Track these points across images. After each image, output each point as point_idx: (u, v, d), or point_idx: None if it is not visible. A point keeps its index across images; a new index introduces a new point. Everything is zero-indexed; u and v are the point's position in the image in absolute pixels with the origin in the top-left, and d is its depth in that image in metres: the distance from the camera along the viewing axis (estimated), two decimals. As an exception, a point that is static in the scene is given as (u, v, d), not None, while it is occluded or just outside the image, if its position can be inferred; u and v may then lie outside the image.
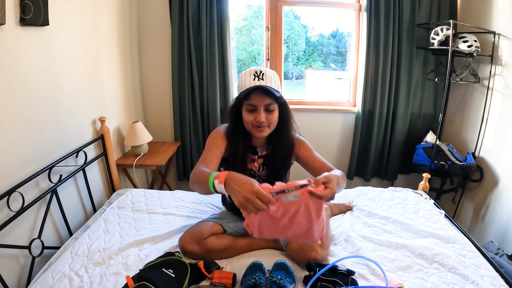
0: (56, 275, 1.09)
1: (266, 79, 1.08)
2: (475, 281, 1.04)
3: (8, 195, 1.10)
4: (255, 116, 1.09)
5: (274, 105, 1.11)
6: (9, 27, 1.13)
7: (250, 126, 1.13)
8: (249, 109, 1.10)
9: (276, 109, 1.12)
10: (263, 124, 1.10)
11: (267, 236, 0.93)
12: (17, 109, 1.19)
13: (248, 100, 1.09)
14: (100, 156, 1.75)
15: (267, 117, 1.10)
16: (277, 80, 1.13)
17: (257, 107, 1.08)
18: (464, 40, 1.90)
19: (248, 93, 1.07)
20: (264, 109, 1.09)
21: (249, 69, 1.11)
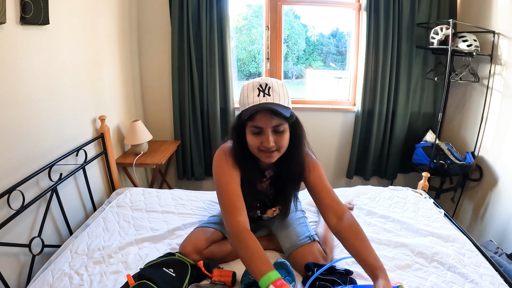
0: (56, 273, 1.09)
1: (273, 94, 0.90)
2: (474, 280, 1.05)
3: (8, 194, 1.10)
4: (261, 139, 0.91)
5: (284, 125, 0.92)
6: (9, 26, 1.13)
7: (256, 151, 0.95)
8: (254, 131, 0.92)
9: (286, 130, 0.94)
10: (272, 149, 0.92)
11: None
12: (17, 107, 1.19)
13: (253, 121, 0.90)
14: (100, 154, 1.75)
15: (276, 140, 0.92)
16: (286, 93, 0.94)
17: (263, 129, 0.90)
18: (464, 39, 1.90)
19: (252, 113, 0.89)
20: (272, 131, 0.91)
21: (252, 82, 0.93)
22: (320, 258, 1.11)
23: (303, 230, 1.17)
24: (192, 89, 2.24)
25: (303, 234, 1.15)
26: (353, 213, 1.51)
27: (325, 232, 1.26)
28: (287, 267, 1.04)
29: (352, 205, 1.57)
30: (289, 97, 0.95)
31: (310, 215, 1.46)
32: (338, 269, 1.04)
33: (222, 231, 1.21)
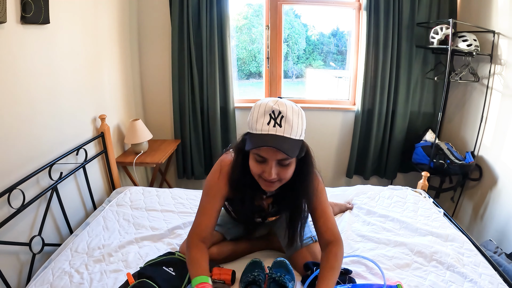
0: (56, 272, 1.10)
1: (284, 125, 0.81)
2: (473, 279, 1.05)
3: (9, 192, 1.10)
4: (263, 168, 0.86)
5: (291, 159, 0.86)
6: (10, 25, 1.14)
7: (257, 177, 0.90)
8: (257, 159, 0.86)
9: (292, 163, 0.88)
10: (273, 180, 0.87)
11: None
12: (17, 106, 1.20)
13: (258, 150, 0.84)
14: (100, 153, 1.75)
15: (280, 172, 0.86)
16: (300, 124, 0.84)
17: (267, 160, 0.85)
18: (464, 39, 1.90)
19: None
20: (277, 163, 0.85)
21: (265, 104, 0.83)
22: (318, 255, 1.10)
23: (305, 230, 1.17)
24: (192, 88, 2.24)
25: (305, 234, 1.15)
26: (352, 212, 1.51)
27: None
28: (286, 266, 1.04)
29: (352, 204, 1.57)
30: (303, 127, 0.86)
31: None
32: (337, 268, 1.05)
33: (222, 232, 1.20)
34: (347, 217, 1.45)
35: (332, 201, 1.53)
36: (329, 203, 1.06)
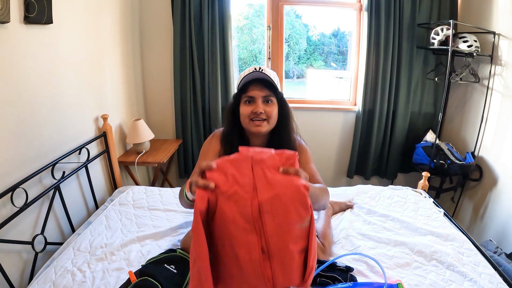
0: (58, 270, 1.10)
1: (265, 72, 1.06)
2: (473, 279, 1.05)
3: (11, 191, 1.11)
4: (253, 107, 1.04)
5: (273, 98, 1.07)
6: (13, 25, 1.15)
7: (247, 120, 1.06)
8: (247, 100, 1.06)
9: (275, 103, 1.07)
10: (261, 116, 1.04)
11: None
12: (20, 106, 1.21)
13: (246, 92, 1.05)
14: (103, 153, 1.76)
15: (265, 108, 1.04)
16: (276, 77, 1.10)
17: (255, 98, 1.04)
18: (464, 40, 1.91)
19: (246, 85, 1.05)
20: (263, 101, 1.05)
21: (249, 67, 1.11)
22: (319, 251, 1.12)
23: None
24: (193, 88, 2.25)
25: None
26: (353, 211, 1.52)
27: (324, 228, 1.27)
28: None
29: (352, 203, 1.58)
30: (278, 82, 1.11)
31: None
32: (339, 266, 1.06)
33: None
34: (348, 216, 1.46)
35: (332, 200, 1.54)
36: (319, 177, 1.11)
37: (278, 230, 0.64)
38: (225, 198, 0.64)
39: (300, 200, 0.65)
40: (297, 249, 0.66)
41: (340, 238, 1.30)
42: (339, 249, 1.24)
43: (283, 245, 0.64)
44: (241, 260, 0.63)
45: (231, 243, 0.64)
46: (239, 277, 0.65)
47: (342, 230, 1.34)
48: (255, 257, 0.63)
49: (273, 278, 0.64)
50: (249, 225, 0.63)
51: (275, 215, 0.63)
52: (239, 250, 0.63)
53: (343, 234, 1.32)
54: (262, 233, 0.63)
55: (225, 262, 0.65)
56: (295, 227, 0.65)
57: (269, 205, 0.63)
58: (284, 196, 0.64)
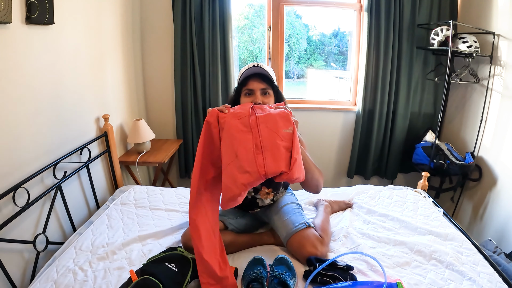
0: (60, 269, 1.11)
1: (263, 67, 1.19)
2: (472, 278, 1.06)
3: (13, 191, 1.12)
4: (252, 99, 1.18)
5: (270, 90, 1.21)
6: (15, 26, 1.16)
7: None
8: (246, 93, 1.20)
9: (271, 95, 1.22)
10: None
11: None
12: (22, 106, 1.21)
13: (246, 86, 1.20)
14: (104, 153, 1.77)
15: (263, 100, 1.18)
16: (273, 73, 1.24)
17: (254, 90, 1.18)
18: (464, 40, 1.91)
19: (246, 79, 1.19)
20: (261, 93, 1.19)
21: (248, 64, 1.25)
22: (317, 242, 1.14)
23: (298, 218, 1.23)
24: (194, 89, 2.26)
25: (298, 221, 1.21)
26: (353, 211, 1.52)
27: (323, 223, 1.29)
28: (287, 263, 1.06)
29: (352, 203, 1.58)
30: (274, 76, 1.26)
31: (310, 214, 1.48)
32: (339, 265, 1.06)
33: (223, 221, 1.26)
34: (347, 216, 1.47)
35: (330, 199, 1.55)
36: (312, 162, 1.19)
37: (269, 132, 0.97)
38: (232, 116, 1.00)
39: (284, 117, 1.01)
40: (283, 144, 0.97)
41: (341, 236, 1.31)
42: (339, 247, 1.25)
43: (272, 141, 0.96)
44: (238, 152, 0.94)
45: (232, 143, 0.96)
46: (235, 164, 0.93)
47: (343, 229, 1.35)
48: (249, 148, 0.94)
49: (264, 165, 0.92)
50: (246, 128, 0.97)
51: (266, 124, 0.99)
52: (238, 146, 0.95)
53: (344, 232, 1.32)
54: (257, 135, 0.96)
55: (225, 160, 0.96)
56: (281, 131, 0.99)
57: (263, 118, 1.00)
58: (274, 115, 1.01)
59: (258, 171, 0.91)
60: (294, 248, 1.15)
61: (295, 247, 1.15)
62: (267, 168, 0.91)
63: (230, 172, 0.93)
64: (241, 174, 0.91)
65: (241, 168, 0.91)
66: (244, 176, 0.91)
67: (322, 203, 1.48)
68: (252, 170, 0.91)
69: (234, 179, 0.91)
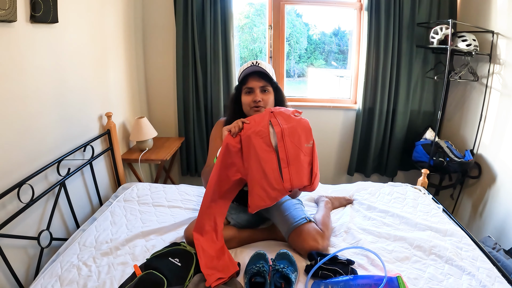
0: (64, 265, 1.12)
1: (261, 65, 1.22)
2: (471, 272, 1.07)
3: (18, 187, 1.14)
4: (252, 97, 1.22)
5: (269, 87, 1.24)
6: (20, 24, 1.17)
7: (248, 108, 1.24)
8: (247, 91, 1.24)
9: (271, 92, 1.25)
10: (260, 104, 1.21)
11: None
12: (26, 103, 1.23)
13: (246, 84, 1.23)
14: (107, 150, 1.78)
15: (263, 97, 1.22)
16: (272, 70, 1.27)
17: (253, 88, 1.22)
18: (463, 39, 1.93)
19: (245, 77, 1.23)
20: (260, 91, 1.22)
21: (247, 62, 1.28)
22: (317, 236, 1.16)
23: (299, 213, 1.25)
24: (196, 87, 2.27)
25: (299, 216, 1.22)
26: (353, 207, 1.54)
27: (324, 218, 1.31)
28: (289, 257, 1.07)
29: (352, 199, 1.60)
30: (273, 73, 1.29)
31: (311, 210, 1.49)
32: (340, 259, 1.08)
33: (226, 216, 1.27)
34: (348, 212, 1.48)
35: (331, 196, 1.56)
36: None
37: (294, 147, 1.04)
38: (254, 134, 1.05)
39: (306, 129, 1.09)
40: (306, 160, 1.06)
41: (341, 232, 1.32)
42: (340, 242, 1.26)
43: (297, 157, 1.04)
44: (266, 171, 1.02)
45: (259, 161, 1.03)
46: (265, 181, 1.02)
47: (343, 224, 1.36)
48: (274, 168, 1.03)
49: (291, 179, 1.02)
50: (269, 148, 1.04)
51: (292, 138, 1.05)
52: (264, 165, 1.03)
53: (344, 228, 1.34)
54: (283, 149, 1.03)
55: (254, 175, 1.04)
56: (304, 146, 1.06)
57: (288, 131, 1.05)
58: (296, 127, 1.07)
59: (284, 188, 1.02)
60: (296, 243, 1.17)
61: (296, 242, 1.16)
62: (293, 183, 1.02)
63: (262, 186, 1.03)
64: (271, 190, 1.02)
65: (270, 185, 1.02)
66: (274, 192, 1.03)
67: (322, 199, 1.50)
68: (279, 188, 1.02)
69: (267, 193, 1.03)
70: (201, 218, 1.13)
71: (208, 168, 1.23)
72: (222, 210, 1.16)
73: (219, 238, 1.14)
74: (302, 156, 1.05)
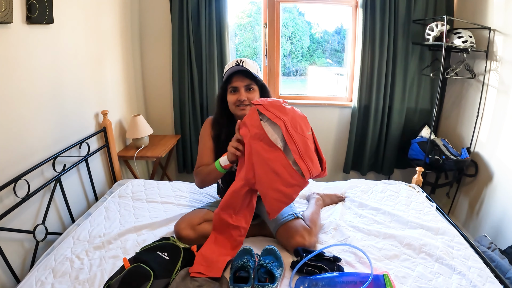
0: (58, 258, 1.15)
1: (245, 65, 1.22)
2: (462, 272, 1.06)
3: (14, 182, 1.17)
4: (237, 96, 1.22)
5: (254, 85, 1.24)
6: (16, 25, 1.20)
7: (234, 107, 1.25)
8: (231, 90, 1.24)
9: (256, 90, 1.25)
10: (245, 103, 1.22)
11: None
12: (23, 102, 1.26)
13: (230, 83, 1.23)
14: (102, 147, 1.81)
15: (248, 95, 1.22)
16: (256, 67, 1.27)
17: (238, 87, 1.22)
18: (459, 35, 1.91)
19: (230, 77, 1.22)
20: (245, 89, 1.22)
21: (232, 60, 1.28)
22: (304, 232, 1.16)
23: (287, 209, 1.25)
24: (192, 85, 2.29)
25: (286, 212, 1.24)
26: (344, 204, 1.54)
27: (312, 215, 1.31)
28: (275, 253, 1.08)
29: (344, 196, 1.59)
30: (258, 70, 1.28)
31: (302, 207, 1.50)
32: (326, 256, 1.08)
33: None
34: (339, 209, 1.48)
35: (322, 193, 1.56)
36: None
37: (299, 136, 1.02)
38: (253, 139, 1.03)
39: (302, 118, 1.08)
40: (311, 147, 1.05)
41: (330, 229, 1.32)
42: (328, 239, 1.26)
43: (306, 145, 1.02)
44: (277, 170, 0.99)
45: (266, 163, 1.00)
46: (278, 181, 0.99)
47: (333, 221, 1.36)
48: (286, 163, 1.00)
49: (309, 169, 0.99)
50: (272, 147, 1.01)
51: (295, 129, 1.02)
52: (273, 165, 1.00)
53: (334, 225, 1.34)
54: (294, 142, 0.99)
55: (263, 180, 1.01)
56: (306, 134, 1.05)
57: (289, 122, 1.02)
58: (294, 116, 1.05)
59: (304, 180, 1.01)
60: (283, 239, 1.18)
61: (283, 238, 1.17)
62: (312, 171, 1.01)
63: (276, 189, 1.00)
64: (288, 188, 1.00)
65: (286, 182, 0.99)
66: (293, 188, 1.01)
67: (313, 196, 1.50)
68: (298, 182, 1.00)
69: (284, 193, 1.00)
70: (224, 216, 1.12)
71: (202, 168, 1.24)
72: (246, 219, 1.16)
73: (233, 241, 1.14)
74: (310, 143, 1.04)
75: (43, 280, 1.04)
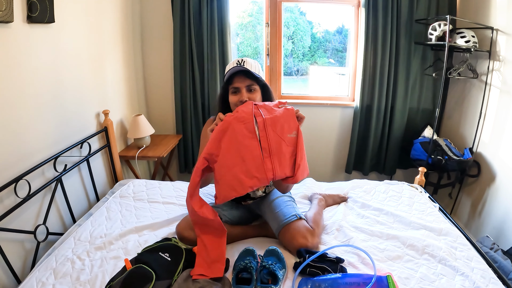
0: (59, 258, 1.15)
1: (246, 65, 1.19)
2: (465, 273, 1.05)
3: (15, 182, 1.16)
4: (239, 97, 1.20)
5: (255, 86, 1.21)
6: (17, 25, 1.19)
7: (235, 107, 1.20)
8: (233, 91, 1.22)
9: (258, 90, 1.22)
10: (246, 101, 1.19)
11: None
12: (24, 102, 1.25)
13: (232, 84, 1.21)
14: (104, 147, 1.80)
15: (249, 96, 1.20)
16: (257, 66, 1.24)
17: (239, 88, 1.20)
18: (462, 35, 1.90)
19: (231, 77, 1.20)
20: (247, 90, 1.20)
21: (233, 60, 1.25)
22: (307, 233, 1.15)
23: (290, 210, 1.25)
24: (193, 85, 2.29)
25: (289, 213, 1.23)
26: (347, 205, 1.53)
27: (315, 215, 1.31)
28: (278, 254, 1.08)
29: (346, 197, 1.59)
30: (260, 69, 1.25)
31: (304, 207, 1.49)
32: (329, 257, 1.08)
33: (217, 213, 1.26)
34: (341, 209, 1.47)
35: (325, 193, 1.56)
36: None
37: (276, 136, 1.02)
38: (236, 120, 1.02)
39: (289, 117, 1.06)
40: (288, 150, 1.04)
41: (333, 230, 1.31)
42: (331, 240, 1.26)
43: (279, 147, 1.02)
44: (245, 157, 0.99)
45: (238, 147, 0.99)
46: (241, 168, 0.98)
47: (336, 222, 1.36)
48: (256, 154, 0.99)
49: (273, 169, 1.00)
50: (251, 134, 1.01)
51: (273, 128, 1.03)
52: (244, 151, 0.99)
53: (336, 226, 1.33)
54: (266, 139, 1.01)
55: (227, 162, 0.99)
56: (286, 136, 1.04)
57: (270, 121, 1.03)
58: (279, 117, 1.05)
59: (266, 177, 0.99)
60: (285, 240, 1.17)
61: (286, 239, 1.17)
62: (276, 172, 1.00)
63: (235, 175, 0.98)
64: (248, 178, 0.98)
65: (248, 172, 0.98)
66: (252, 180, 0.98)
67: (316, 197, 1.50)
68: (261, 176, 0.99)
69: (241, 182, 0.97)
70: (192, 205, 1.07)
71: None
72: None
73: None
74: (285, 146, 1.03)
75: (44, 281, 1.04)
